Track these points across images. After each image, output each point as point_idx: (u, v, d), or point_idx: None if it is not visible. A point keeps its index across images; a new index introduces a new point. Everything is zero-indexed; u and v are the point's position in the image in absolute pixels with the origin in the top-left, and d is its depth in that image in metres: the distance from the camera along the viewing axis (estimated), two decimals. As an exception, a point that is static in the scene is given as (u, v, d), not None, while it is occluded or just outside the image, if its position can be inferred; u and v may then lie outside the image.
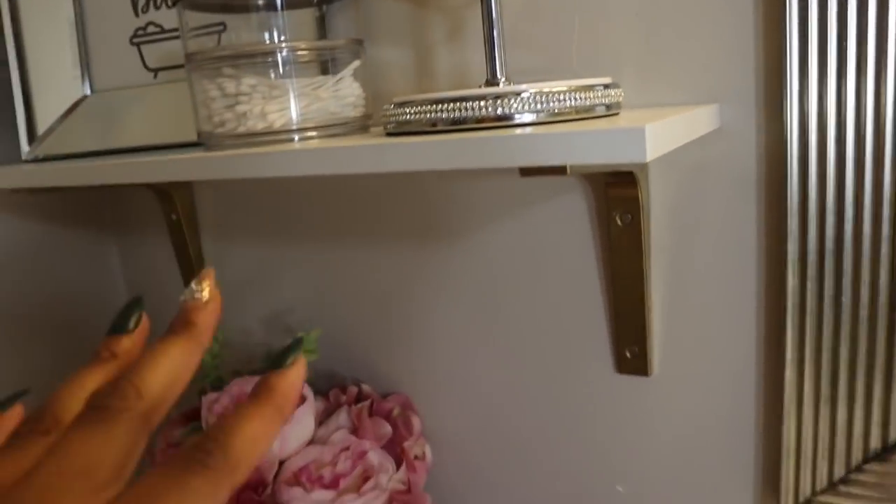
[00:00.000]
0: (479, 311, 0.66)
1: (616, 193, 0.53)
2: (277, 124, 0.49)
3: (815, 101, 0.47)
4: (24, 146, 0.73)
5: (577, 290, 0.60)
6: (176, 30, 0.68)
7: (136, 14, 0.71)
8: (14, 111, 0.73)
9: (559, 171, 0.39)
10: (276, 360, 0.25)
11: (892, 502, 0.51)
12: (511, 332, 0.65)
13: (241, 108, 0.48)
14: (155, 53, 0.70)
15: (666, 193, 0.55)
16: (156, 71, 0.71)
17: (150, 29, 0.70)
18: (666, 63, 0.52)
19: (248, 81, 0.49)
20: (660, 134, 0.37)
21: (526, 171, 0.42)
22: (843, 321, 0.49)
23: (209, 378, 0.68)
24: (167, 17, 0.69)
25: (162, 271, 0.87)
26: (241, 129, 0.49)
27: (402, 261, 0.69)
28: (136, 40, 0.71)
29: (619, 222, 0.54)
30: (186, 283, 0.82)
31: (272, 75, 0.50)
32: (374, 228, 0.70)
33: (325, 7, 0.54)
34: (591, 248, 0.59)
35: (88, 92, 0.74)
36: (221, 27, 0.54)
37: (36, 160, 0.73)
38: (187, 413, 0.70)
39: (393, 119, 0.45)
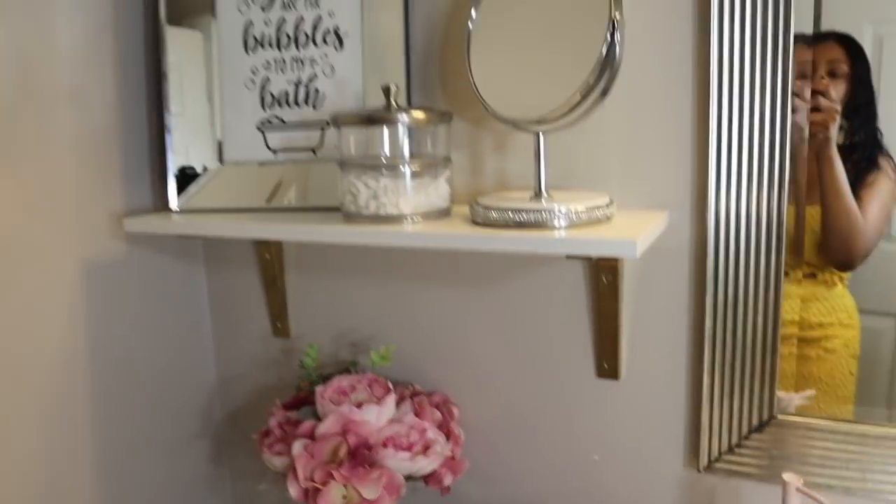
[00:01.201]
0: (501, 334, 0.98)
1: (604, 264, 0.86)
2: (404, 210, 0.80)
3: (724, 210, 0.81)
4: (174, 200, 1.02)
5: (573, 322, 0.93)
6: (294, 123, 0.98)
7: (264, 109, 1.00)
8: (166, 170, 1.02)
9: (588, 258, 0.71)
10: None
11: (769, 458, 0.85)
12: (524, 350, 0.97)
13: (383, 199, 0.80)
14: (276, 137, 1.00)
15: (634, 265, 0.88)
16: (275, 151, 1.00)
17: (274, 121, 1.00)
18: (637, 182, 0.86)
19: (385, 182, 0.80)
20: (643, 240, 0.70)
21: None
22: (737, 346, 0.83)
23: (311, 377, 0.98)
24: (287, 113, 0.99)
25: (249, 301, 1.16)
26: (381, 213, 0.80)
27: (447, 297, 1.01)
28: (261, 127, 1.01)
29: (604, 280, 0.88)
30: (272, 312, 1.12)
31: (399, 177, 0.81)
32: (427, 272, 1.01)
33: (434, 126, 0.85)
34: (584, 296, 0.92)
35: (220, 164, 1.03)
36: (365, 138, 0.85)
37: (183, 212, 1.01)
38: (289, 402, 0.99)
39: (482, 216, 0.77)
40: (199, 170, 1.03)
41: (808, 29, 0.79)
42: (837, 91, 0.80)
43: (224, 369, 1.22)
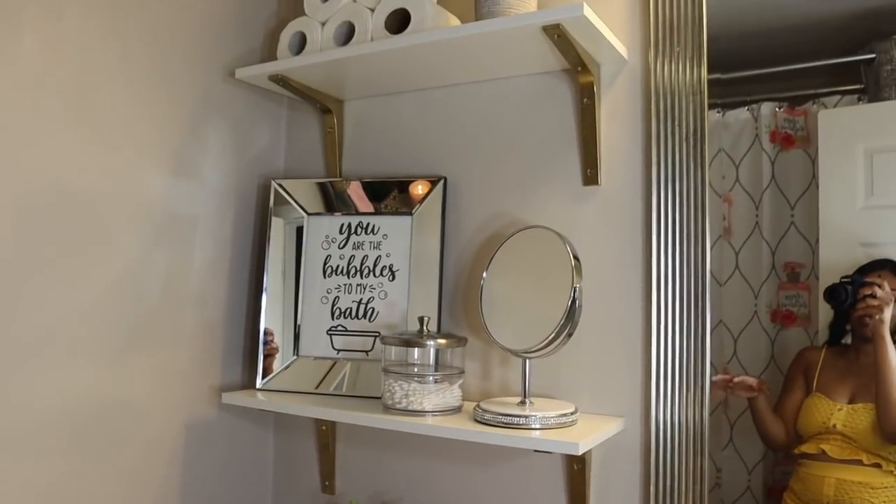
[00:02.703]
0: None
1: (575, 457, 1.18)
2: (426, 407, 1.15)
3: (661, 417, 1.13)
4: (259, 382, 1.39)
5: (550, 497, 1.23)
6: (354, 331, 1.36)
7: (332, 318, 1.39)
8: (256, 360, 1.40)
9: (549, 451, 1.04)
10: None
11: None
12: (516, 519, 1.27)
13: (412, 398, 1.14)
14: (339, 340, 1.38)
15: (597, 455, 1.19)
16: (339, 350, 1.37)
17: (339, 328, 1.38)
18: (601, 394, 1.20)
19: (415, 386, 1.16)
20: (586, 443, 1.02)
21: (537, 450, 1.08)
22: (670, 528, 1.12)
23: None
24: (349, 323, 1.37)
25: (305, 463, 1.49)
26: (410, 407, 1.15)
27: (456, 470, 1.32)
28: (329, 332, 1.39)
29: (574, 467, 1.18)
30: (323, 473, 1.45)
31: (425, 383, 1.16)
32: (443, 451, 1.33)
33: (454, 348, 1.21)
34: (561, 480, 1.22)
35: (295, 357, 1.40)
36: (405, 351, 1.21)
37: (264, 390, 1.38)
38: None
39: (480, 416, 1.11)
40: (279, 364, 1.40)
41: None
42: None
43: (279, 517, 1.53)
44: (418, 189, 1.36)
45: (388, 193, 1.38)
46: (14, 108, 1.09)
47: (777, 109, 1.27)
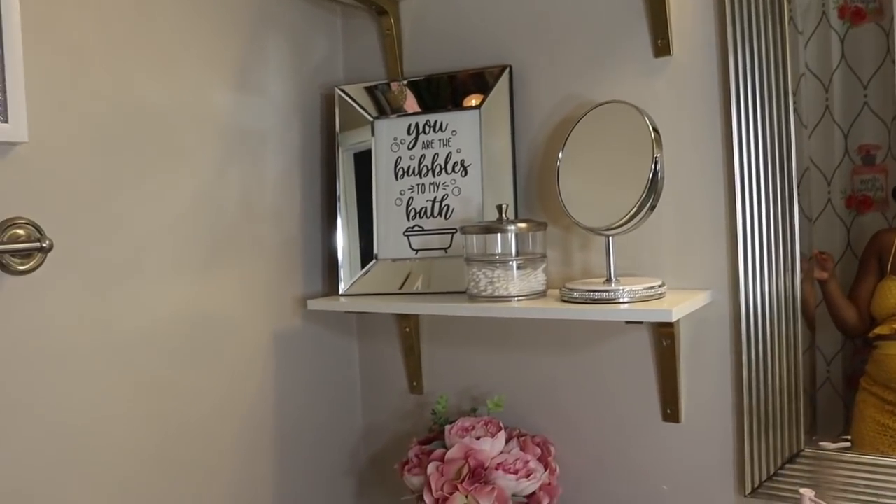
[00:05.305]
0: (587, 389, 1.33)
1: (664, 331, 1.21)
2: (512, 292, 1.19)
3: (751, 289, 1.14)
4: (342, 287, 1.45)
5: (642, 378, 1.27)
6: (431, 230, 1.40)
7: (408, 219, 1.43)
8: (336, 265, 1.46)
9: (639, 322, 1.07)
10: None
11: (798, 485, 1.14)
12: (604, 401, 1.31)
13: (497, 284, 1.18)
14: (417, 240, 1.42)
15: (687, 331, 1.22)
16: (417, 250, 1.42)
17: (416, 228, 1.42)
18: (686, 269, 1.21)
19: (498, 272, 1.19)
20: (678, 310, 1.05)
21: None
22: (768, 393, 1.15)
23: (440, 420, 1.35)
24: (425, 223, 1.41)
25: (391, 365, 1.56)
26: (496, 294, 1.19)
27: (546, 359, 1.37)
28: (406, 233, 1.43)
29: (663, 343, 1.22)
30: (410, 373, 1.51)
31: (508, 269, 1.20)
32: (531, 340, 1.38)
33: (534, 233, 1.24)
34: (650, 357, 1.26)
35: (375, 260, 1.46)
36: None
37: (346, 295, 1.44)
38: (424, 440, 1.37)
39: (567, 295, 1.14)
40: (359, 269, 1.46)
41: None
42: None
43: (369, 419, 1.62)
44: (484, 80, 1.37)
45: (453, 88, 1.40)
46: (81, 29, 1.14)
47: (848, -21, 1.23)
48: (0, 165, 1.03)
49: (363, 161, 1.47)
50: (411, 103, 1.43)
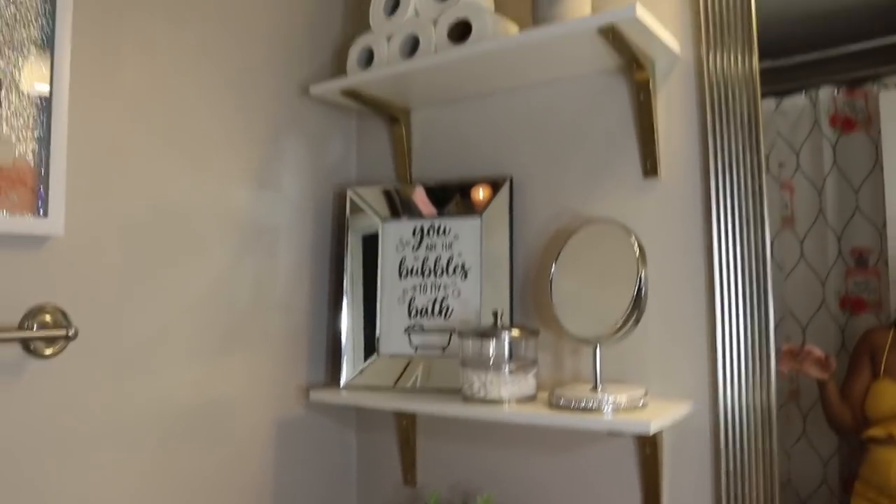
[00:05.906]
0: (569, 492, 1.38)
1: (646, 440, 1.26)
2: (504, 395, 1.25)
3: (729, 400, 1.20)
4: (343, 380, 1.52)
5: (625, 483, 1.31)
6: (431, 329, 1.48)
7: (409, 317, 1.51)
8: (340, 358, 1.53)
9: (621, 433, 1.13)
10: None
11: None
12: None
13: (489, 387, 1.25)
14: (417, 338, 1.49)
15: (668, 439, 1.27)
16: (416, 347, 1.49)
17: (416, 327, 1.50)
18: (670, 379, 1.28)
19: (492, 377, 1.26)
20: (658, 423, 1.11)
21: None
22: (746, 499, 1.19)
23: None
24: (426, 321, 1.49)
25: (386, 457, 1.62)
26: (488, 396, 1.26)
27: (533, 460, 1.42)
28: (407, 330, 1.51)
29: (646, 451, 1.27)
30: (404, 466, 1.57)
31: (501, 373, 1.27)
32: (520, 440, 1.44)
33: (527, 339, 1.32)
34: (634, 464, 1.31)
35: (377, 356, 1.53)
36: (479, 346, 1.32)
37: (347, 388, 1.51)
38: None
39: (556, 402, 1.21)
40: (360, 363, 1.53)
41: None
42: None
43: (365, 509, 1.66)
44: (486, 190, 1.47)
45: (457, 196, 1.50)
46: (120, 134, 1.25)
47: (835, 93, 1.32)
48: (34, 256, 1.13)
49: (370, 258, 1.56)
50: (418, 207, 1.53)
